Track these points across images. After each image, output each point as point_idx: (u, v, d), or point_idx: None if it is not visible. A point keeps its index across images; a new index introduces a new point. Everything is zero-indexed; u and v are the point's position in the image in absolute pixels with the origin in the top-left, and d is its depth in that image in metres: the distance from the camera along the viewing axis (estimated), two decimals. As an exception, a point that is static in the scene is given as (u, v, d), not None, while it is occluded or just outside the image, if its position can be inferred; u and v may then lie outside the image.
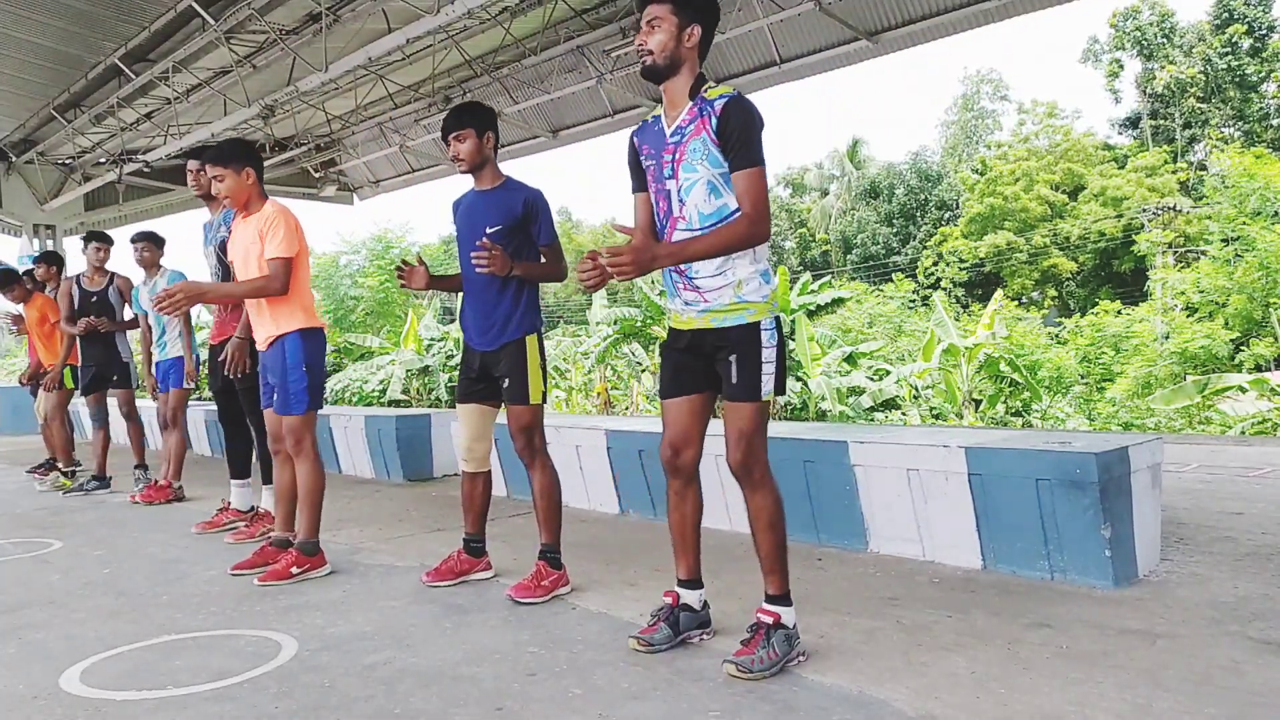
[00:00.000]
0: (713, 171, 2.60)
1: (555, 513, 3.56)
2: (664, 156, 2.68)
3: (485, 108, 3.68)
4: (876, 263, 40.24)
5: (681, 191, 2.65)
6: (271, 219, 3.89)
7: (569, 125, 13.40)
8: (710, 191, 2.61)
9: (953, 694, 2.39)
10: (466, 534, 3.77)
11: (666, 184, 2.69)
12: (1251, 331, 19.26)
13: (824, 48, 10.28)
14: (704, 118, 2.60)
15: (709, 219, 2.61)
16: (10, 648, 3.10)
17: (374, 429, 7.09)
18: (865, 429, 5.52)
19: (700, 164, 2.61)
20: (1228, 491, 5.09)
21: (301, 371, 3.91)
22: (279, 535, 4.20)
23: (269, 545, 4.18)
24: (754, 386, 2.63)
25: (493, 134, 3.59)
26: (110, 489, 7.03)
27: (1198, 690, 2.36)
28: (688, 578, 2.88)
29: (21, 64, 11.16)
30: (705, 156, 2.60)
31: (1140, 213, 32.01)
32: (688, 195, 2.64)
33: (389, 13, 9.68)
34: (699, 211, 2.63)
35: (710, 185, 2.61)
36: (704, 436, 2.83)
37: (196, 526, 5.20)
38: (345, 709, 2.43)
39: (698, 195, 2.62)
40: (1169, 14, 36.43)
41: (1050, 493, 3.39)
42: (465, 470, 3.75)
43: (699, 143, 2.60)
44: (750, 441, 2.64)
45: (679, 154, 2.65)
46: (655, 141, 2.73)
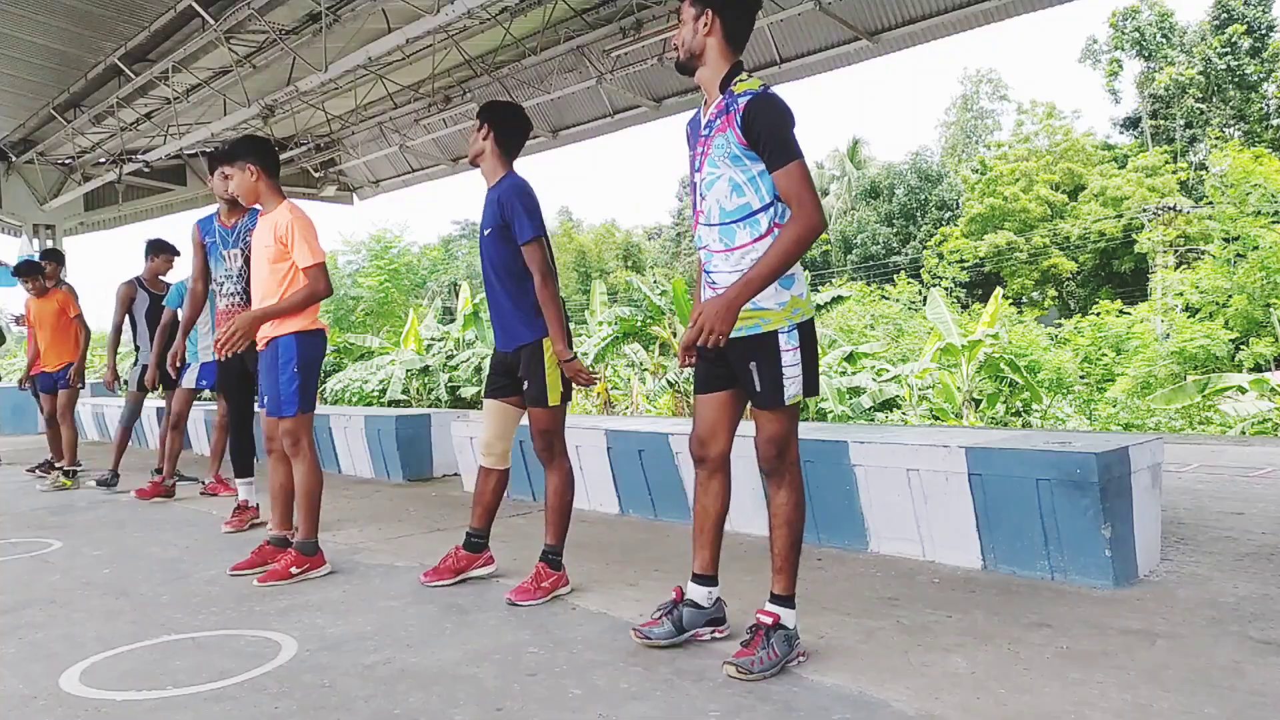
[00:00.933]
0: (733, 169, 2.58)
1: (564, 516, 3.54)
2: (697, 149, 2.70)
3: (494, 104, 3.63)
4: (876, 263, 40.23)
5: (704, 186, 2.66)
6: (289, 226, 3.86)
7: (569, 125, 13.40)
8: (732, 189, 2.59)
9: (953, 694, 2.39)
10: (471, 529, 3.75)
11: (695, 177, 2.71)
12: (1252, 332, 19.26)
13: (824, 48, 10.28)
14: (729, 114, 2.57)
15: (729, 216, 2.61)
16: (10, 648, 3.10)
17: (374, 429, 7.09)
18: (865, 429, 5.52)
19: (722, 161, 2.59)
20: (1228, 491, 5.08)
21: (293, 372, 3.88)
22: (276, 535, 4.20)
23: (267, 544, 4.18)
24: (777, 394, 2.62)
25: (489, 127, 3.53)
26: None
27: (1198, 690, 2.36)
28: (701, 572, 2.85)
29: (21, 64, 11.16)
30: (727, 154, 2.58)
31: (1140, 213, 32.01)
32: (709, 190, 2.64)
33: (389, 12, 9.68)
34: (720, 208, 2.62)
35: (732, 183, 2.59)
36: (733, 432, 2.83)
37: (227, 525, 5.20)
38: (345, 709, 2.43)
39: (719, 191, 2.62)
40: (1168, 14, 36.43)
41: (1050, 493, 3.39)
42: (483, 465, 3.72)
43: (723, 139, 2.59)
44: (778, 444, 2.67)
45: (706, 148, 2.65)
46: (694, 133, 2.75)
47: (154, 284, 7.02)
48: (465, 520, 3.65)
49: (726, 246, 2.62)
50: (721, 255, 2.63)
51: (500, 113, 3.59)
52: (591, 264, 46.14)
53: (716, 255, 2.65)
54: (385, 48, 9.26)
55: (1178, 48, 35.71)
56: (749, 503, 4.44)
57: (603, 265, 44.97)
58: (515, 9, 10.17)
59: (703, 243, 2.70)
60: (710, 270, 2.67)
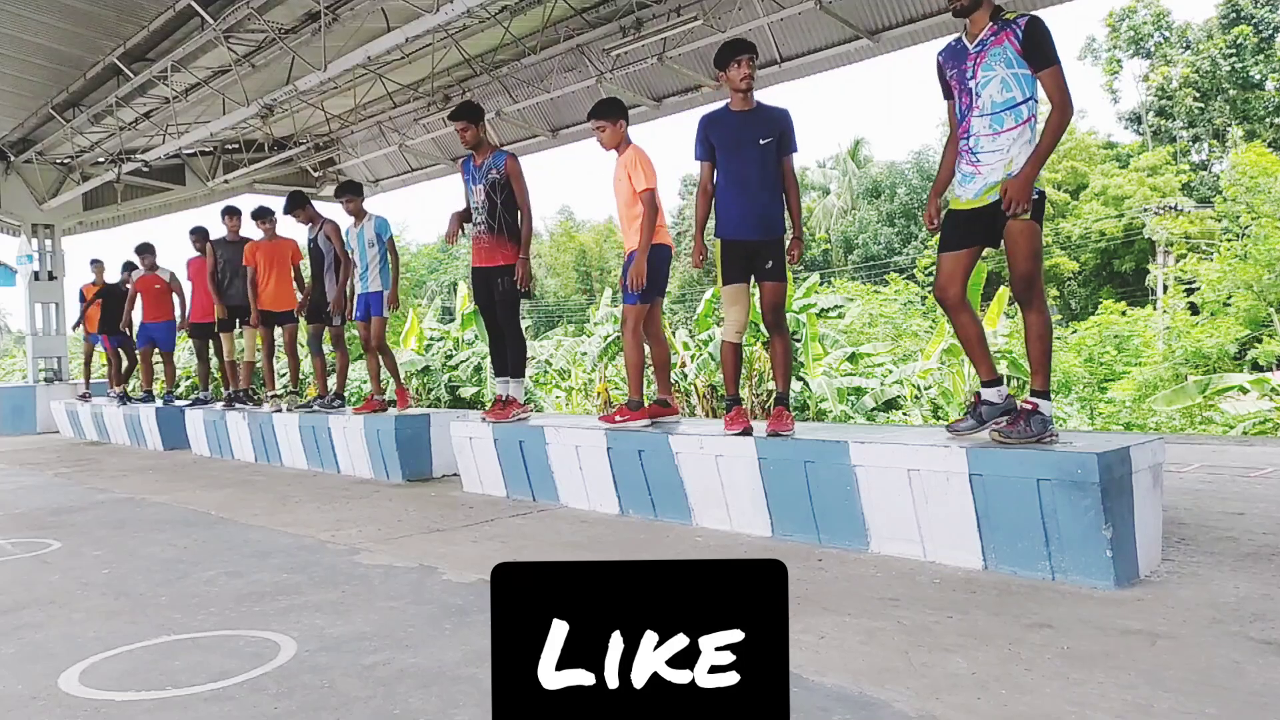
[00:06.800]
0: (1006, 71, 3.54)
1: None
2: (966, 63, 3.65)
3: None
4: (878, 263, 40.21)
5: (979, 86, 3.61)
6: (631, 161, 5.10)
7: (569, 124, 13.40)
8: (1003, 85, 3.56)
9: (953, 694, 2.38)
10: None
11: (969, 83, 3.65)
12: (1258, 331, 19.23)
13: (824, 47, 10.28)
14: (1007, 31, 3.53)
15: (999, 106, 3.58)
16: (10, 648, 3.09)
17: (373, 429, 7.08)
18: (865, 429, 5.52)
19: (998, 65, 3.56)
20: (1229, 491, 5.08)
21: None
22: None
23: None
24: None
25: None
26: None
27: (1198, 690, 2.36)
28: (987, 378, 3.80)
29: (21, 64, 11.16)
30: (1002, 60, 3.55)
31: (1141, 212, 32.00)
32: (984, 89, 3.60)
33: (388, 12, 9.68)
34: (992, 100, 3.58)
35: (1003, 81, 3.56)
36: (966, 279, 3.77)
37: (490, 415, 6.00)
38: (345, 709, 2.43)
39: (993, 88, 3.58)
40: (1164, 13, 36.41)
41: (1051, 493, 3.39)
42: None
43: (999, 50, 3.55)
44: (1028, 276, 3.60)
45: (981, 58, 3.60)
46: (958, 56, 3.70)
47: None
48: (465, 520, 3.66)
49: (994, 131, 3.59)
50: (989, 138, 3.60)
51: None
52: (592, 263, 46.13)
53: (985, 138, 3.61)
54: (384, 47, 9.26)
55: (1176, 46, 35.68)
56: (749, 504, 4.44)
57: (603, 264, 44.95)
58: (515, 8, 10.17)
59: (974, 131, 3.64)
60: (977, 152, 3.64)
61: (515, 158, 5.86)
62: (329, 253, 7.77)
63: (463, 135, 5.89)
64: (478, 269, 6.00)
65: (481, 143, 5.90)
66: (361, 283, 7.40)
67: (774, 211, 4.58)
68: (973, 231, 3.73)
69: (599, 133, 5.22)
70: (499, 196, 5.81)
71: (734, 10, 9.72)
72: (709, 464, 4.59)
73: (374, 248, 7.33)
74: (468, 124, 5.82)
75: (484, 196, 5.85)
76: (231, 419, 8.81)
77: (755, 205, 4.54)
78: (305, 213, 7.91)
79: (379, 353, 7.56)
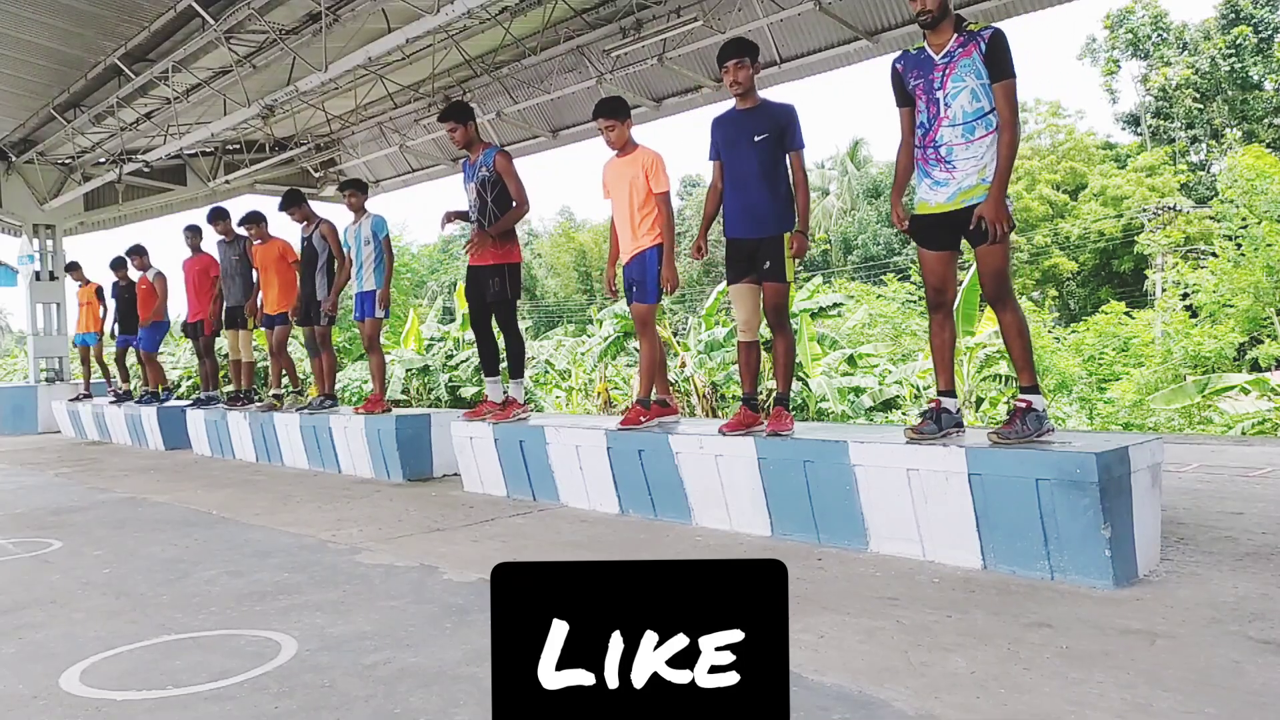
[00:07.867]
0: (976, 82, 3.61)
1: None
2: (933, 73, 3.69)
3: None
4: (877, 263, 40.21)
5: (949, 96, 3.66)
6: (650, 162, 5.16)
7: (569, 125, 13.39)
8: (972, 96, 3.63)
9: (953, 694, 2.39)
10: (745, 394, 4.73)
11: (936, 93, 3.70)
12: (1257, 333, 19.22)
13: (824, 47, 10.27)
14: (973, 43, 3.59)
15: (969, 116, 3.64)
16: (10, 648, 3.10)
17: (374, 429, 7.08)
18: (865, 429, 5.52)
19: (967, 76, 3.62)
20: (1228, 491, 5.08)
21: (656, 272, 5.16)
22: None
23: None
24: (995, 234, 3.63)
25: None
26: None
27: (1198, 690, 2.36)
28: (946, 388, 3.89)
29: (21, 64, 11.16)
30: (971, 71, 3.61)
31: (1140, 213, 32.00)
32: (954, 99, 3.65)
33: (389, 12, 9.68)
34: (963, 110, 3.64)
35: (973, 92, 3.63)
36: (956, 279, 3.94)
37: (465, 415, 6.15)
38: (345, 709, 2.43)
39: (963, 99, 3.63)
40: (1162, 14, 36.40)
41: (1050, 493, 3.39)
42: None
43: (968, 61, 3.61)
44: (998, 278, 3.67)
45: (950, 69, 3.65)
46: (923, 66, 3.74)
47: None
48: (465, 519, 3.66)
49: (967, 139, 3.65)
50: (962, 145, 3.66)
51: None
52: (592, 264, 46.11)
53: (958, 146, 3.67)
54: (385, 48, 9.26)
55: (1174, 46, 35.67)
56: (749, 504, 4.44)
57: (603, 265, 44.91)
58: (515, 9, 10.17)
59: (943, 140, 3.69)
60: (951, 159, 3.68)
61: (505, 153, 5.88)
62: (323, 252, 7.76)
63: (452, 136, 5.93)
64: (471, 267, 6.04)
65: (473, 142, 5.94)
66: (356, 281, 7.45)
67: (768, 208, 4.52)
68: (945, 234, 3.81)
69: (608, 131, 5.20)
70: (489, 194, 5.82)
71: (734, 11, 9.72)
72: (709, 464, 4.59)
73: (369, 245, 7.33)
74: (455, 124, 5.86)
75: (475, 195, 5.90)
76: (233, 419, 8.82)
77: (748, 202, 4.55)
78: (301, 211, 7.90)
79: (369, 353, 7.66)
